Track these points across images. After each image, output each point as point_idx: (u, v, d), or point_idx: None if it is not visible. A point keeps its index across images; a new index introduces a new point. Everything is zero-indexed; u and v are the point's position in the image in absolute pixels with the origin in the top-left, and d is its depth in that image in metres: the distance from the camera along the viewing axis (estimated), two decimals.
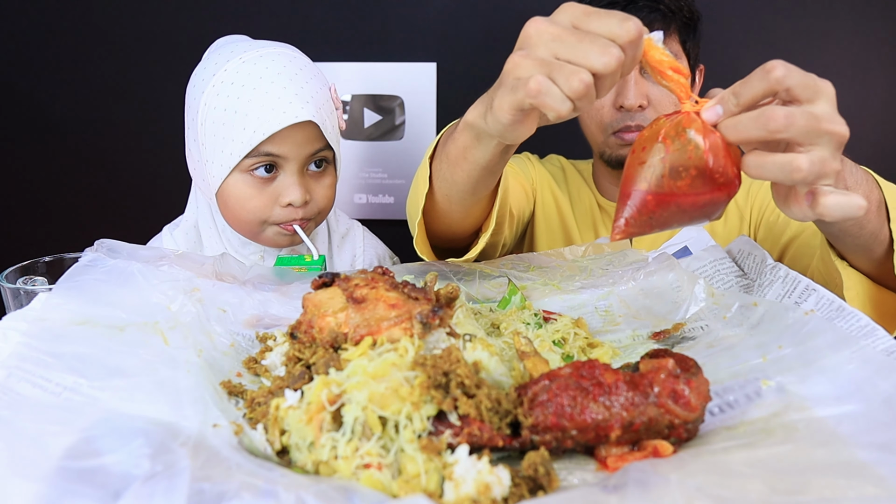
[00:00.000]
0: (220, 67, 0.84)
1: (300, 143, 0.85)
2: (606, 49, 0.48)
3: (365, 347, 0.49)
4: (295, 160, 0.86)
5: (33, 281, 0.71)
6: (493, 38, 1.55)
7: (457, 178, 0.71)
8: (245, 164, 0.84)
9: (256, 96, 0.82)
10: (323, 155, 0.89)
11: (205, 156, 0.86)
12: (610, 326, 0.70)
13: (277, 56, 0.85)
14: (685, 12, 1.07)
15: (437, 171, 0.74)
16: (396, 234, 1.29)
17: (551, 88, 0.49)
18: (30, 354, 0.48)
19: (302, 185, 0.87)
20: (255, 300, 0.69)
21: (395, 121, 1.60)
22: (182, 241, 0.98)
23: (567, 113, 0.50)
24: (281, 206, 0.87)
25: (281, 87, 0.82)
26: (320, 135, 0.86)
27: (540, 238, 1.22)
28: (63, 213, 1.68)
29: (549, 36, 0.50)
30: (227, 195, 0.87)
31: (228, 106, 0.83)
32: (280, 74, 0.83)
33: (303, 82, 0.84)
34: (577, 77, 0.48)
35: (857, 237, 0.67)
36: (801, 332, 0.54)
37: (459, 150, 0.67)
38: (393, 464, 0.43)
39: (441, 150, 0.73)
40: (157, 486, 0.37)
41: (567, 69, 0.49)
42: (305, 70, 0.87)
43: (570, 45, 0.49)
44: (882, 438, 0.41)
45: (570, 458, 0.47)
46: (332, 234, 1.05)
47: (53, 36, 1.58)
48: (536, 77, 0.49)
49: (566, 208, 1.23)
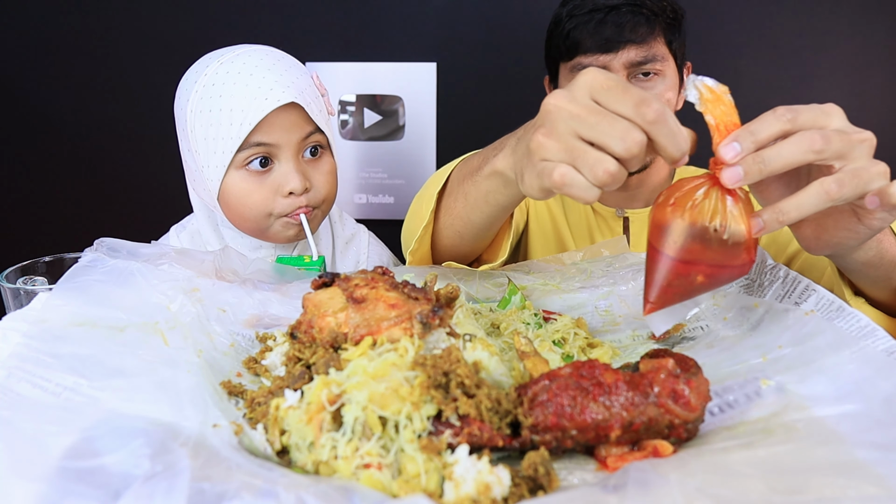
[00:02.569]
0: (200, 74, 0.86)
1: (288, 129, 0.85)
2: (627, 134, 0.47)
3: (365, 347, 0.50)
4: (287, 147, 0.86)
5: (33, 281, 0.71)
6: (493, 38, 1.55)
7: (473, 218, 0.72)
8: (239, 159, 0.85)
9: (238, 90, 0.83)
10: (315, 139, 0.89)
11: (200, 162, 0.87)
12: (610, 326, 0.70)
13: (254, 52, 0.87)
14: (668, 12, 1.06)
15: (449, 209, 0.74)
16: (396, 234, 1.28)
17: (576, 179, 0.49)
18: (30, 355, 0.48)
19: (300, 171, 0.87)
20: (255, 300, 0.69)
21: (396, 121, 1.60)
22: (188, 244, 0.98)
23: (594, 198, 0.50)
24: (283, 197, 0.87)
25: (260, 77, 0.84)
26: (308, 118, 0.86)
27: (534, 247, 1.21)
28: (63, 213, 1.69)
29: (569, 114, 0.50)
30: (228, 195, 0.87)
31: (213, 106, 0.84)
32: (258, 66, 0.85)
33: (282, 70, 0.86)
34: (602, 167, 0.48)
35: (878, 267, 0.67)
36: (801, 333, 0.54)
37: (482, 194, 0.68)
38: (393, 464, 0.43)
39: (456, 188, 0.73)
40: (157, 486, 0.37)
41: (591, 158, 0.48)
42: (283, 60, 0.88)
43: (591, 126, 0.49)
44: (882, 438, 0.41)
45: (570, 458, 0.47)
46: (337, 238, 1.05)
47: (54, 35, 1.59)
48: (560, 168, 0.50)
49: (559, 216, 1.22)
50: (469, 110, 1.59)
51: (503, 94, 1.57)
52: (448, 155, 1.59)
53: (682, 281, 0.52)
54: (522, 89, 1.56)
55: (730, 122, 0.53)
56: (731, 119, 0.53)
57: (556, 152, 0.50)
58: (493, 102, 1.58)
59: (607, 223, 1.22)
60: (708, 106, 0.53)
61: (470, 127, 1.59)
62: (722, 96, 0.53)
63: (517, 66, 1.55)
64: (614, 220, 1.21)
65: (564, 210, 1.22)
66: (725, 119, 0.53)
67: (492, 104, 1.58)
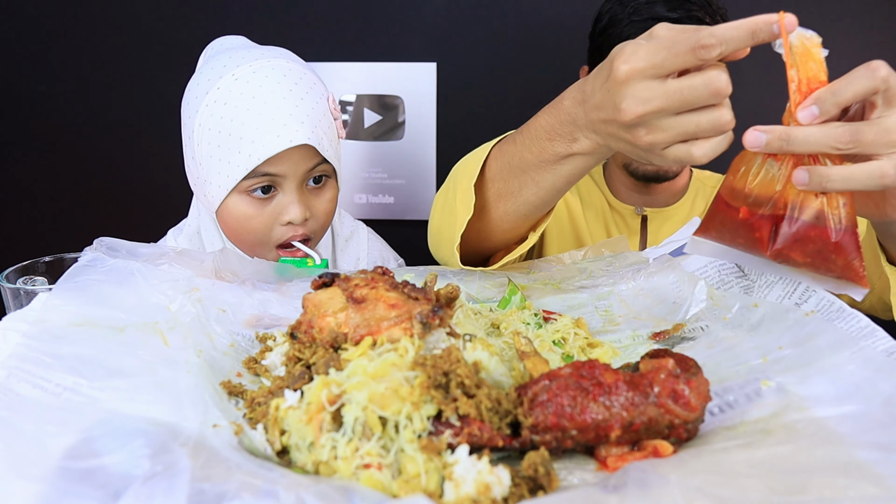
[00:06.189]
0: (212, 85, 0.83)
1: (297, 162, 0.84)
2: (710, 84, 0.52)
3: (365, 347, 0.49)
4: (293, 178, 0.85)
5: (33, 281, 0.71)
6: (493, 38, 1.55)
7: (547, 198, 0.74)
8: (243, 185, 0.84)
9: (250, 118, 0.81)
10: (322, 170, 0.88)
11: (203, 174, 0.86)
12: (610, 326, 0.70)
13: (271, 71, 0.83)
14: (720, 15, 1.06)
15: (509, 195, 0.75)
16: (397, 234, 1.29)
17: (706, 146, 0.55)
18: (30, 355, 0.48)
19: (302, 202, 0.86)
20: (255, 300, 0.69)
21: (396, 121, 1.60)
22: (186, 245, 0.98)
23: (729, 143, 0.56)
24: (281, 225, 0.87)
25: (275, 108, 0.81)
26: (317, 152, 0.85)
27: (551, 240, 1.22)
28: (63, 213, 1.68)
29: (659, 109, 0.54)
30: (228, 215, 0.87)
31: (223, 128, 0.82)
32: (273, 93, 0.82)
33: (297, 100, 0.83)
34: (717, 125, 0.54)
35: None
36: (802, 333, 0.54)
37: (563, 175, 0.70)
38: (393, 464, 0.43)
39: (520, 176, 0.74)
40: (157, 487, 0.37)
41: (705, 124, 0.54)
42: (300, 84, 0.85)
43: (681, 104, 0.53)
44: (882, 438, 0.41)
45: (570, 458, 0.47)
46: (336, 237, 1.05)
47: (55, 35, 1.59)
48: (689, 148, 0.56)
49: (577, 209, 1.22)
50: (469, 110, 1.59)
51: (503, 94, 1.57)
52: (448, 155, 1.59)
53: (724, 216, 0.57)
54: (522, 89, 1.56)
55: (814, 78, 0.52)
56: (818, 77, 0.52)
57: (672, 139, 0.55)
58: (493, 102, 1.58)
59: (625, 220, 1.23)
60: (797, 59, 0.52)
61: (470, 127, 1.59)
62: (812, 50, 0.52)
63: (517, 66, 1.55)
64: (632, 218, 1.22)
65: (582, 205, 1.23)
66: (810, 75, 0.52)
67: (492, 104, 1.58)
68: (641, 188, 1.20)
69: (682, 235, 0.85)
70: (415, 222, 1.65)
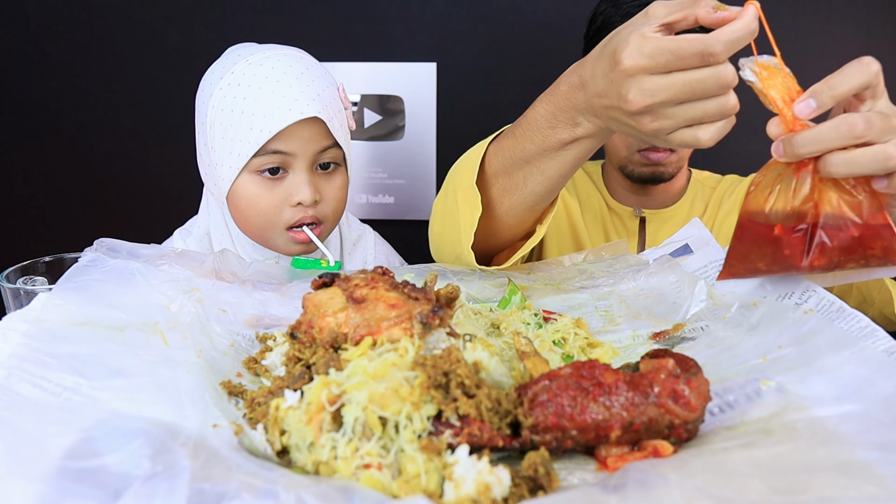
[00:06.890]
0: (227, 70, 0.86)
1: (307, 140, 0.85)
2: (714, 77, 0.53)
3: (365, 347, 0.49)
4: (303, 157, 0.86)
5: (33, 281, 0.71)
6: (493, 38, 1.55)
7: (553, 186, 0.74)
8: (254, 163, 0.85)
9: (262, 95, 0.83)
10: (332, 154, 0.89)
11: (214, 159, 0.87)
12: (610, 326, 0.70)
13: (283, 56, 0.86)
14: None
15: (514, 188, 0.75)
16: (397, 234, 1.29)
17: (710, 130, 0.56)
18: (30, 355, 0.48)
19: (312, 183, 0.87)
20: (255, 300, 0.69)
21: (396, 121, 1.60)
22: (195, 248, 0.97)
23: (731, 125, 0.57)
24: (291, 206, 0.87)
25: (286, 86, 0.83)
26: (328, 132, 0.86)
27: (549, 242, 1.22)
28: (63, 213, 1.68)
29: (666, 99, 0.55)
30: (238, 197, 0.87)
31: (235, 107, 0.83)
32: (286, 73, 0.84)
33: (309, 80, 0.85)
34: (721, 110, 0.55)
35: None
36: (801, 333, 0.54)
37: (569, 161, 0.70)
38: (393, 464, 0.43)
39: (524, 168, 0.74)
40: (157, 487, 0.37)
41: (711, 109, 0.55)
42: (311, 69, 0.88)
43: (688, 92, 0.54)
44: (882, 438, 0.41)
45: (570, 458, 0.47)
46: (345, 240, 1.05)
47: (55, 35, 1.58)
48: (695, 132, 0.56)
49: (575, 211, 1.22)
50: (469, 110, 1.59)
51: (503, 94, 1.57)
52: (448, 155, 1.59)
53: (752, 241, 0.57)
54: (522, 89, 1.56)
55: (794, 89, 0.53)
56: (794, 86, 0.53)
57: (678, 126, 0.56)
58: (493, 102, 1.58)
59: (623, 222, 1.23)
60: (767, 83, 0.53)
61: (470, 127, 1.59)
62: (779, 70, 0.54)
63: (517, 66, 1.55)
64: (630, 220, 1.22)
65: (581, 207, 1.23)
66: (788, 89, 0.53)
67: (492, 104, 1.58)
68: (638, 190, 1.20)
69: (682, 236, 0.85)
70: (415, 222, 1.65)
